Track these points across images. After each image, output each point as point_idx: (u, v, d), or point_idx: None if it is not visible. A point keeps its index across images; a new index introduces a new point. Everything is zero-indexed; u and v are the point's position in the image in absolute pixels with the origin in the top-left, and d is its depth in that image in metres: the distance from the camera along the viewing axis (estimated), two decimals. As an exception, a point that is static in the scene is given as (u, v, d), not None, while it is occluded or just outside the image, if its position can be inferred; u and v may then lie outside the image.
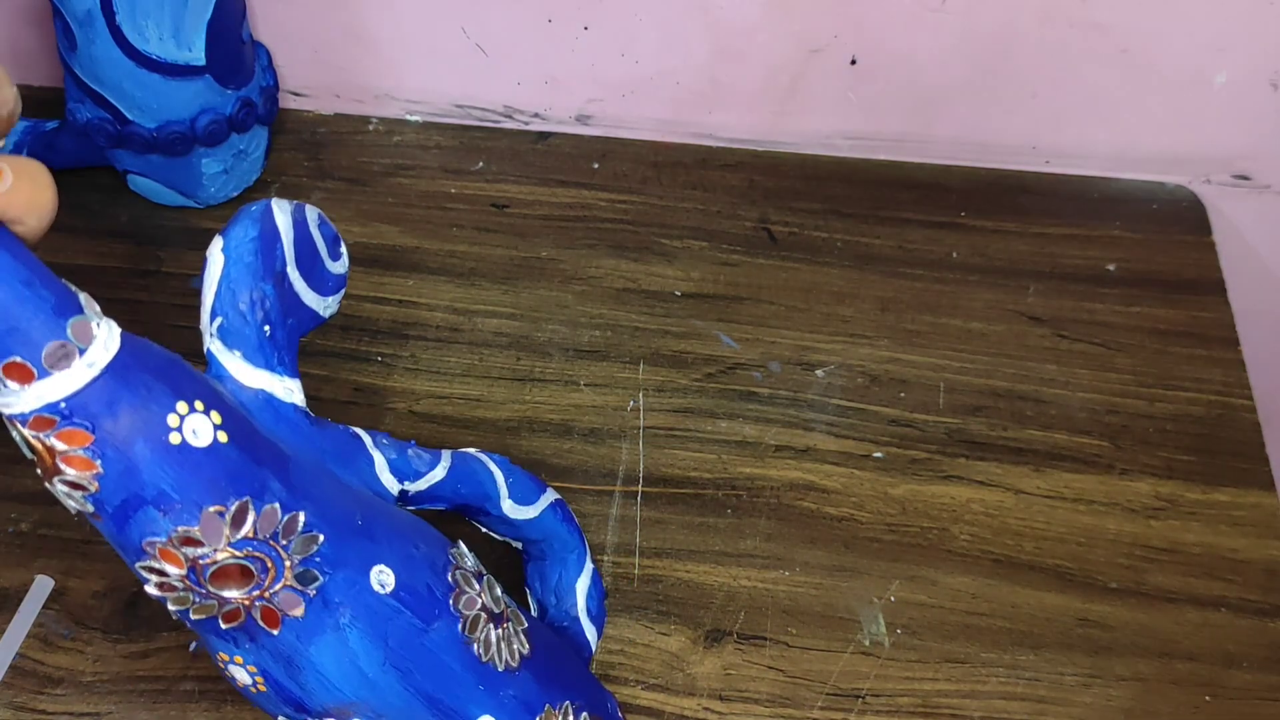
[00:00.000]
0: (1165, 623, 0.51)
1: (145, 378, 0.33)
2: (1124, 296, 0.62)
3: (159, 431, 0.33)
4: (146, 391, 0.33)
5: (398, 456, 0.42)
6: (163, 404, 0.33)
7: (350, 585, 0.37)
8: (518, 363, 0.58)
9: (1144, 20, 0.60)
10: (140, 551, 0.35)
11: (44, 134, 0.61)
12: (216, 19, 0.55)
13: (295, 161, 0.66)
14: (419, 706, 0.38)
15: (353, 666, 0.37)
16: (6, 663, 0.48)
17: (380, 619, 0.38)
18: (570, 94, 0.67)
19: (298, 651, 0.37)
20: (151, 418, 0.33)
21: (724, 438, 0.56)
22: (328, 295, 0.41)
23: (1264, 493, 0.55)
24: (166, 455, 0.33)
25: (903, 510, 0.54)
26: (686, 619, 0.50)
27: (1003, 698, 0.49)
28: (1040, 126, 0.66)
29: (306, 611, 0.37)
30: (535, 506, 0.46)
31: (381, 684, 0.38)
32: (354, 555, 0.38)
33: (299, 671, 0.37)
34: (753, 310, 0.61)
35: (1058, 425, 0.57)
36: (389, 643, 0.38)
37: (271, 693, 0.38)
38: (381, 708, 0.38)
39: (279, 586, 0.36)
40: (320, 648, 0.37)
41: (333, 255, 0.41)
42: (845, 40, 0.62)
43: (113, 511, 0.34)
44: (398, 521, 0.40)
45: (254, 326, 0.37)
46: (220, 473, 0.34)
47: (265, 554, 0.35)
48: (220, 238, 0.37)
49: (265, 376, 0.38)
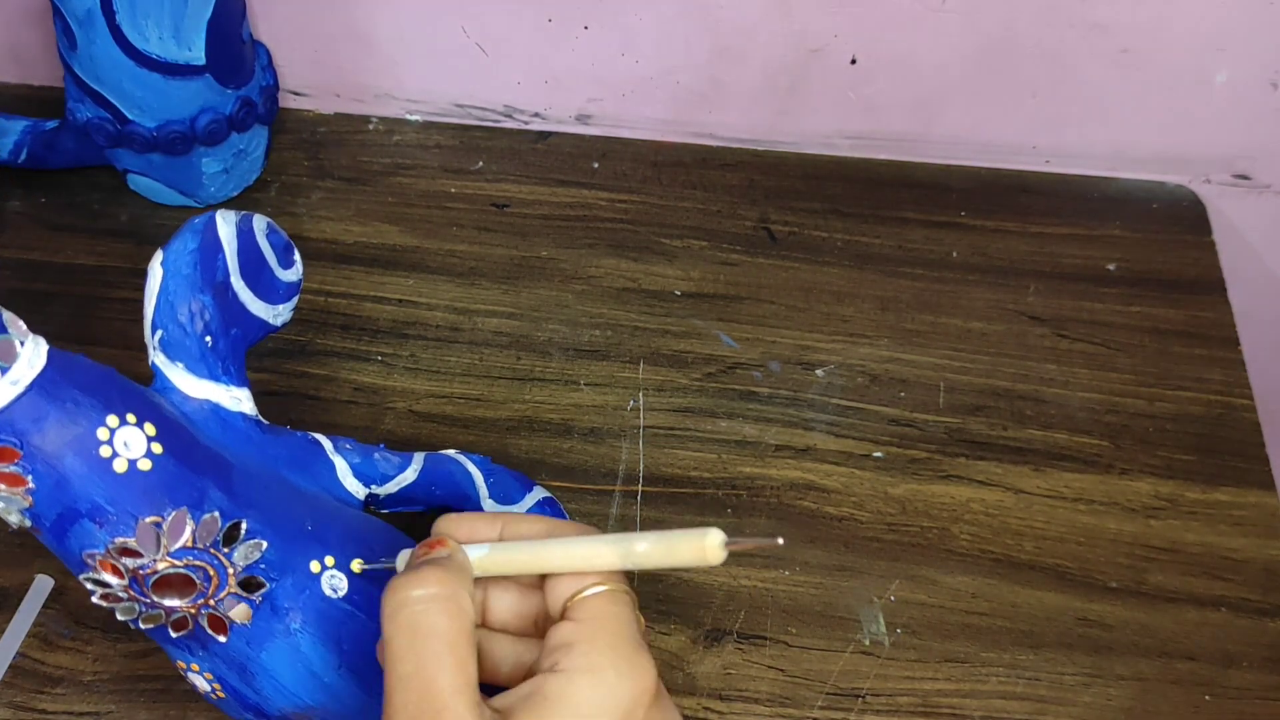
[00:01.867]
0: (1165, 622, 0.51)
1: (73, 393, 0.34)
2: (1124, 296, 0.62)
3: (89, 445, 0.34)
4: (74, 406, 0.33)
5: (362, 460, 0.42)
6: (92, 418, 0.34)
7: (300, 590, 0.37)
8: (518, 362, 0.58)
9: (1144, 20, 0.60)
10: (81, 564, 0.35)
11: (44, 133, 0.61)
12: (216, 18, 0.55)
13: (295, 161, 0.66)
14: (376, 707, 0.38)
15: (307, 671, 0.37)
16: (6, 662, 0.48)
17: (332, 623, 0.38)
18: (570, 93, 0.67)
19: (249, 658, 0.37)
20: (81, 432, 0.33)
21: (724, 437, 0.56)
22: (278, 303, 0.41)
23: (1264, 492, 0.55)
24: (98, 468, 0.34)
25: (903, 510, 0.54)
26: (686, 618, 0.50)
27: (1003, 697, 0.49)
28: (1040, 126, 0.66)
29: (254, 618, 0.37)
30: (520, 505, 0.46)
31: (338, 687, 0.38)
32: (302, 560, 0.37)
33: (253, 678, 0.37)
34: (753, 310, 0.61)
35: (1058, 425, 0.57)
36: (343, 646, 0.38)
37: (230, 699, 0.38)
38: (342, 710, 0.38)
39: (223, 594, 0.36)
40: (272, 654, 0.37)
41: (284, 263, 0.42)
42: (845, 40, 0.62)
43: (50, 526, 0.34)
44: (353, 525, 0.40)
45: (195, 338, 0.38)
46: (155, 484, 0.35)
47: (206, 562, 0.35)
48: (160, 252, 0.38)
49: (210, 387, 0.38)
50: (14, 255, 0.60)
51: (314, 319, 0.59)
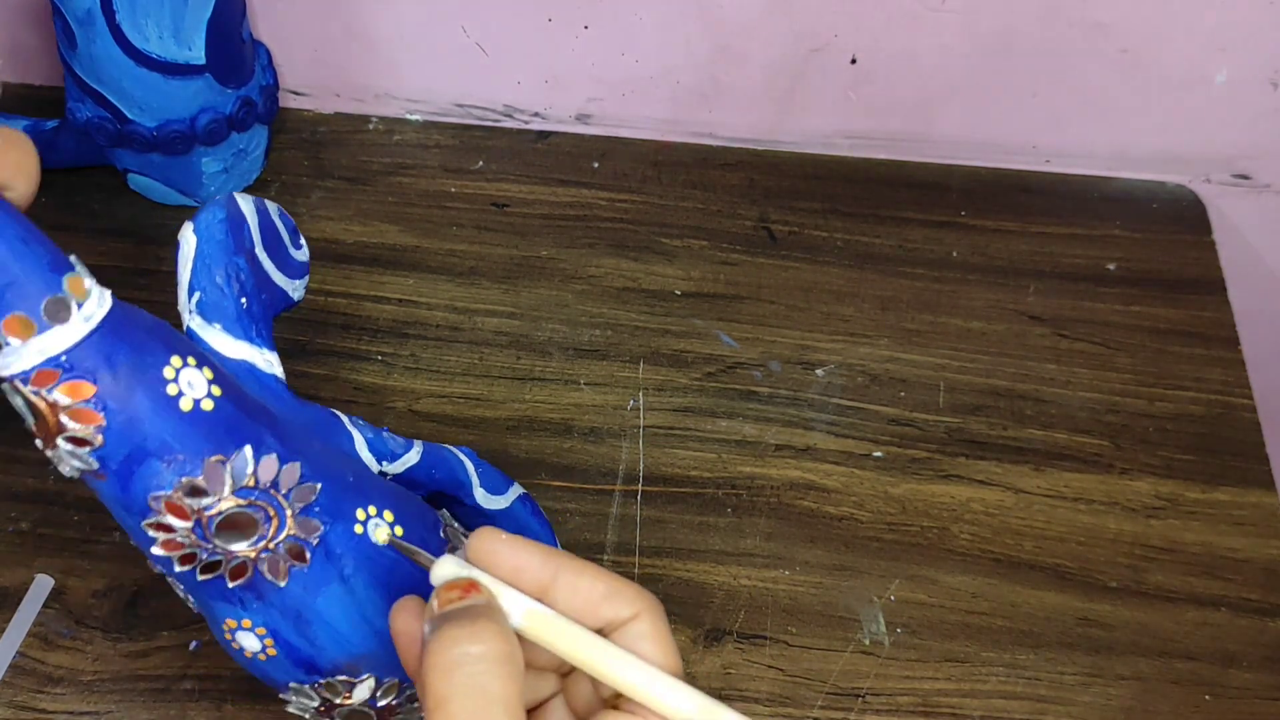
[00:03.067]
0: (1165, 622, 0.51)
1: (139, 333, 0.34)
2: (1124, 296, 0.62)
3: (157, 383, 0.34)
4: (141, 346, 0.34)
5: (374, 437, 0.43)
6: (158, 358, 0.34)
7: (350, 536, 0.38)
8: (518, 362, 0.58)
9: (1144, 20, 0.60)
10: (146, 509, 0.35)
11: (44, 133, 0.61)
12: (216, 18, 0.55)
13: (295, 160, 0.66)
14: None
15: (361, 618, 0.38)
16: (6, 662, 0.48)
17: (382, 569, 0.38)
18: (570, 93, 0.67)
19: (306, 605, 0.37)
20: (149, 370, 0.34)
21: (724, 437, 0.56)
22: (295, 279, 0.43)
23: (1264, 492, 0.55)
24: (166, 406, 0.34)
25: (903, 509, 0.54)
26: (686, 618, 0.50)
27: (1003, 697, 0.49)
28: (1040, 126, 0.66)
29: (311, 561, 0.37)
30: (506, 498, 0.47)
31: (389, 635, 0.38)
32: (350, 507, 0.38)
33: (308, 626, 0.37)
34: (753, 309, 0.61)
35: (1058, 424, 0.57)
36: (391, 592, 0.38)
37: (282, 655, 0.38)
38: (392, 661, 0.38)
39: (283, 535, 0.36)
40: (328, 599, 0.37)
41: (295, 244, 0.43)
42: (845, 39, 0.62)
43: (117, 467, 0.34)
44: (386, 485, 0.41)
45: (231, 298, 0.39)
46: (218, 424, 0.35)
47: (267, 503, 0.36)
48: (190, 222, 0.39)
49: (246, 348, 0.39)
50: (14, 255, 0.60)
51: (314, 319, 0.59)
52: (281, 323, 0.58)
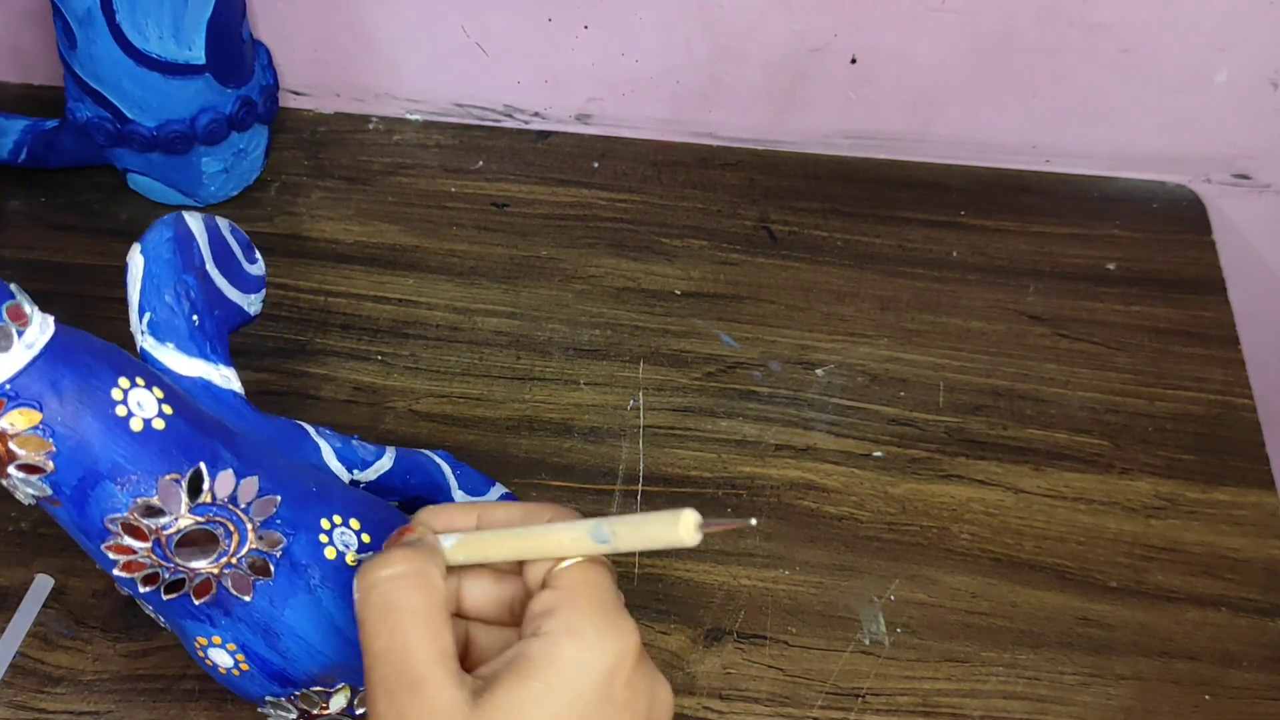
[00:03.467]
0: (1165, 622, 0.51)
1: (84, 357, 0.35)
2: (1124, 296, 0.62)
3: (105, 406, 0.34)
4: (87, 369, 0.34)
5: (343, 446, 0.43)
6: (104, 380, 0.35)
7: (315, 547, 0.38)
8: (517, 362, 0.58)
9: (1144, 20, 0.60)
10: (103, 532, 0.35)
11: (44, 133, 0.61)
12: (216, 18, 0.55)
13: (295, 160, 0.66)
14: None
15: (331, 627, 0.38)
16: (6, 661, 0.48)
17: (349, 577, 0.38)
18: (570, 93, 0.67)
19: (273, 618, 0.37)
20: (95, 393, 0.34)
21: (724, 437, 0.56)
22: (250, 293, 0.43)
23: (1264, 492, 0.55)
24: (116, 428, 0.35)
25: (903, 509, 0.54)
26: (686, 618, 0.50)
27: (1003, 697, 0.49)
28: (1040, 126, 0.66)
29: (276, 574, 0.37)
30: (486, 498, 0.46)
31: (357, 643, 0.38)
32: (313, 517, 0.38)
33: (278, 639, 0.38)
34: (753, 309, 0.61)
35: (1058, 424, 0.57)
36: None
37: (254, 670, 0.38)
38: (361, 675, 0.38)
39: (245, 550, 0.37)
40: (295, 611, 0.38)
41: (249, 259, 0.43)
42: (845, 39, 0.62)
43: (71, 492, 0.35)
44: (352, 492, 0.41)
45: (183, 316, 0.39)
46: (171, 443, 0.35)
47: (226, 518, 0.36)
48: (137, 244, 0.39)
49: (201, 365, 0.39)
50: (14, 255, 0.60)
51: (314, 319, 0.59)
52: (281, 323, 0.59)
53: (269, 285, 0.59)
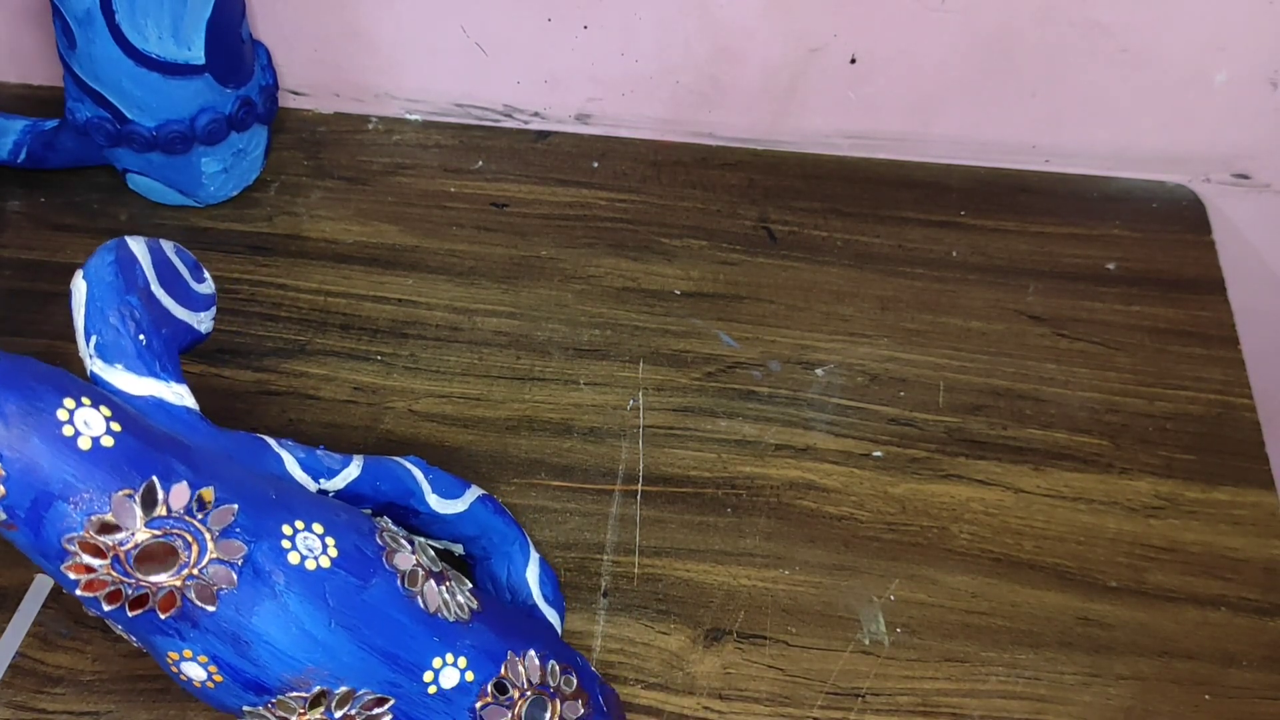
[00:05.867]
0: (1165, 621, 0.51)
1: (27, 380, 0.35)
2: (1124, 295, 0.62)
3: (51, 427, 0.35)
4: (31, 392, 0.35)
5: (306, 456, 0.43)
6: (49, 401, 0.35)
7: (277, 552, 0.38)
8: (517, 362, 0.58)
9: (1144, 20, 0.60)
10: (61, 552, 0.35)
11: (44, 133, 0.61)
12: (216, 18, 0.55)
13: (295, 160, 0.66)
14: (376, 663, 0.39)
15: (300, 631, 0.38)
16: (6, 662, 0.48)
17: (315, 581, 0.38)
18: (570, 93, 0.67)
19: (242, 626, 0.37)
20: (41, 415, 0.35)
21: (724, 437, 0.56)
22: (200, 311, 0.43)
23: (1264, 492, 0.55)
24: (64, 447, 0.35)
25: (902, 509, 0.54)
26: (686, 618, 0.50)
27: (1003, 696, 0.49)
28: (1040, 126, 0.66)
29: (240, 582, 0.37)
30: (463, 500, 0.47)
31: (333, 644, 0.38)
32: (274, 523, 0.38)
33: (249, 647, 0.37)
34: (752, 309, 0.61)
35: (1057, 424, 0.57)
36: (330, 602, 0.38)
37: (228, 680, 0.38)
38: (339, 670, 0.38)
39: (205, 561, 0.37)
40: (263, 617, 0.38)
41: (196, 279, 0.43)
42: (845, 39, 0.62)
43: (25, 515, 0.35)
44: (313, 497, 0.41)
45: (129, 337, 0.39)
46: (121, 459, 0.36)
47: (184, 530, 0.36)
48: (79, 270, 0.40)
49: (152, 383, 0.39)
50: (14, 255, 0.60)
51: (314, 319, 0.59)
52: (280, 323, 0.59)
53: (268, 285, 0.60)
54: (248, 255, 0.61)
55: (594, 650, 0.49)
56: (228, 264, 0.61)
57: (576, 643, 0.49)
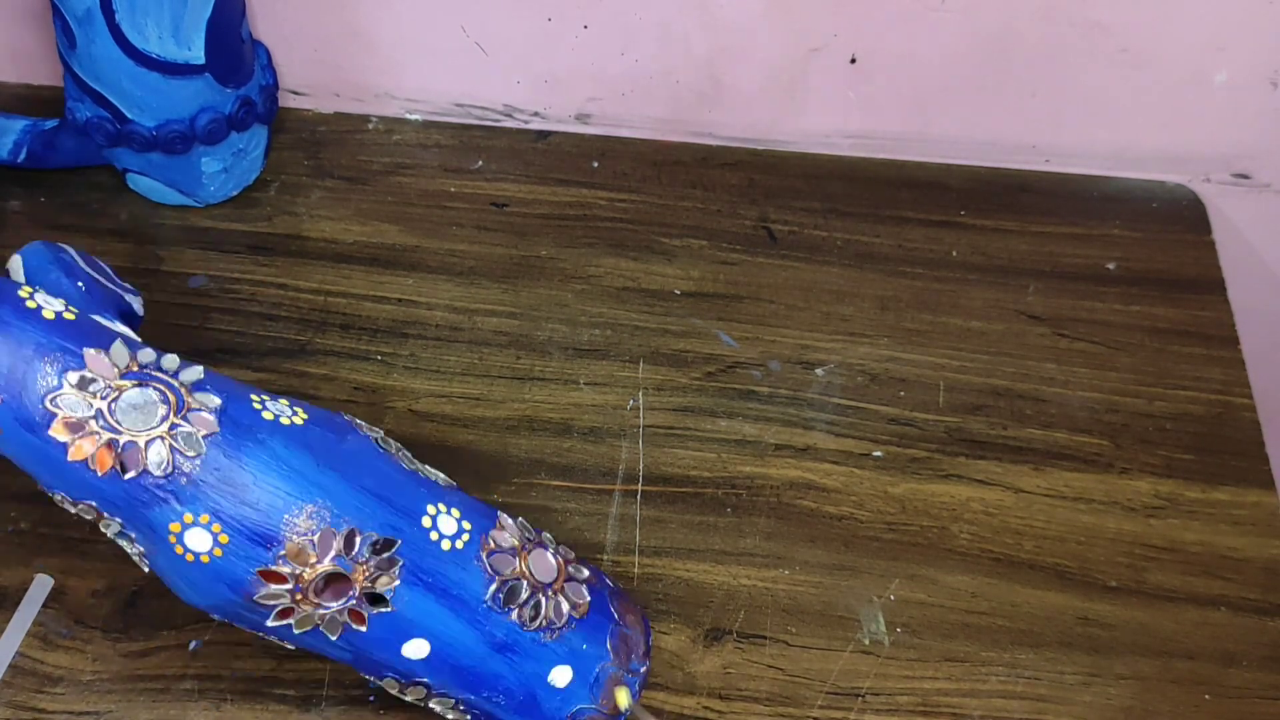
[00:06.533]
0: (1165, 621, 0.51)
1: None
2: (1124, 295, 0.62)
3: (15, 302, 0.38)
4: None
5: None
6: (9, 287, 0.39)
7: (252, 410, 0.40)
8: (517, 361, 0.58)
9: (1144, 20, 0.60)
10: (47, 415, 0.37)
11: (44, 133, 0.61)
12: (216, 18, 0.55)
13: (295, 160, 0.66)
14: (373, 503, 0.39)
15: (290, 469, 0.39)
16: (6, 662, 0.47)
17: (294, 431, 0.40)
18: (570, 93, 0.67)
19: (234, 470, 0.38)
20: (4, 292, 0.38)
21: (724, 437, 0.56)
22: (128, 295, 0.47)
23: (1264, 492, 0.55)
24: (31, 316, 0.38)
25: (902, 509, 0.54)
26: (686, 618, 0.50)
27: (1003, 696, 0.49)
28: (1040, 126, 0.66)
29: (222, 429, 0.38)
30: None
31: (326, 483, 0.39)
32: (242, 391, 0.40)
33: (246, 490, 0.38)
34: (752, 309, 0.61)
35: (1057, 424, 0.57)
36: (313, 449, 0.40)
37: (234, 538, 0.38)
38: (339, 508, 0.39)
39: (185, 410, 0.38)
40: (254, 458, 0.38)
41: (113, 280, 0.48)
42: (845, 39, 0.62)
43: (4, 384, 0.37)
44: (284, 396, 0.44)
45: (68, 281, 0.43)
46: (84, 329, 0.39)
47: (159, 383, 0.38)
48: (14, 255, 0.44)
49: (97, 319, 0.41)
50: (14, 255, 0.60)
51: (314, 319, 0.59)
52: (281, 323, 0.59)
53: (268, 285, 0.60)
54: (248, 255, 0.61)
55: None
56: (228, 264, 0.61)
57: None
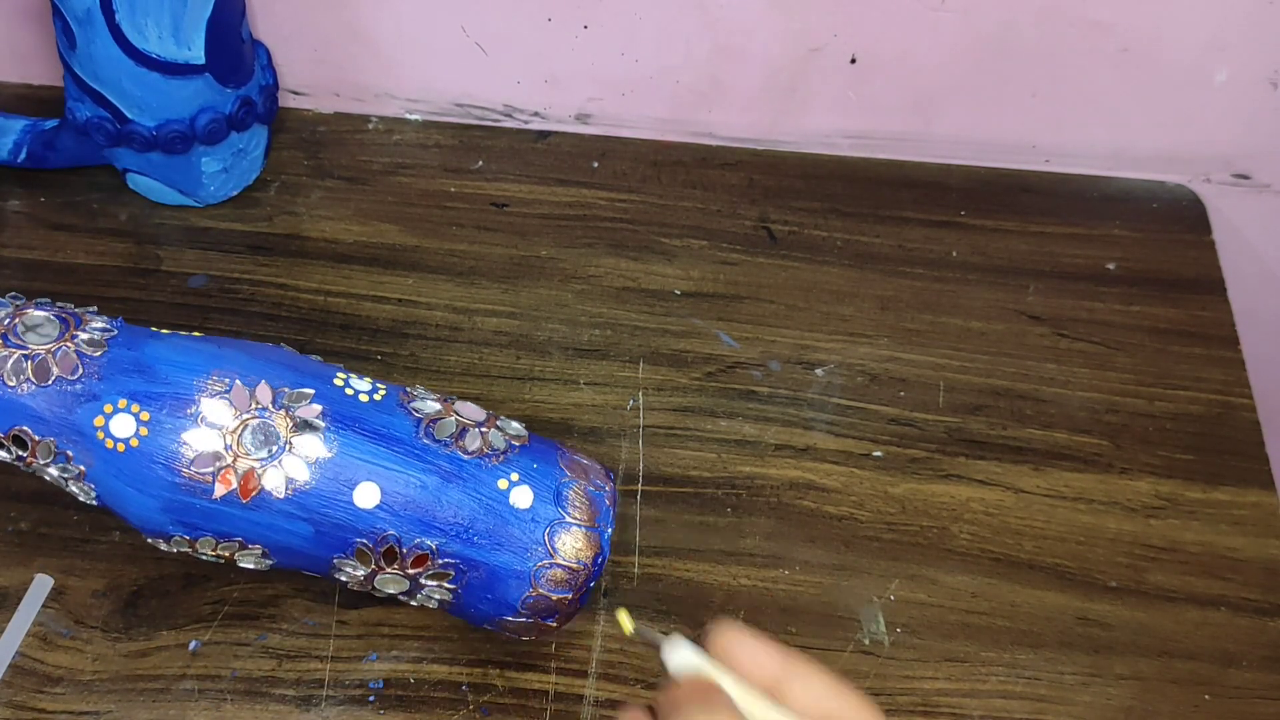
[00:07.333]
0: (1165, 621, 0.51)
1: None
2: (1124, 295, 0.62)
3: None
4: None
5: None
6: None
7: (148, 330, 0.44)
8: (517, 361, 0.58)
9: (1144, 20, 0.60)
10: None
11: (44, 133, 0.61)
12: (216, 18, 0.55)
13: (295, 160, 0.66)
14: (281, 369, 0.43)
15: (189, 347, 0.43)
16: (6, 661, 0.48)
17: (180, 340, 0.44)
18: (570, 93, 0.67)
19: (139, 357, 0.42)
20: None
21: (724, 437, 0.56)
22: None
23: (1264, 492, 0.55)
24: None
25: (902, 509, 0.54)
26: (686, 618, 0.50)
27: (1002, 696, 0.49)
28: (1040, 126, 0.66)
29: (120, 331, 0.43)
30: None
31: (226, 355, 0.43)
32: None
33: (154, 371, 0.42)
34: (752, 309, 0.61)
35: (1057, 424, 0.57)
36: (212, 339, 0.44)
37: (155, 415, 0.41)
38: (244, 370, 0.43)
39: (81, 324, 0.43)
40: (153, 347, 0.43)
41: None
42: (845, 39, 0.62)
43: None
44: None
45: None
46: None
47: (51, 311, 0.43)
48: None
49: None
50: (14, 255, 0.60)
51: (314, 319, 0.59)
52: (281, 323, 0.59)
53: (268, 285, 0.60)
54: (248, 255, 0.61)
55: (594, 650, 0.49)
56: (228, 264, 0.61)
57: (577, 642, 0.49)
